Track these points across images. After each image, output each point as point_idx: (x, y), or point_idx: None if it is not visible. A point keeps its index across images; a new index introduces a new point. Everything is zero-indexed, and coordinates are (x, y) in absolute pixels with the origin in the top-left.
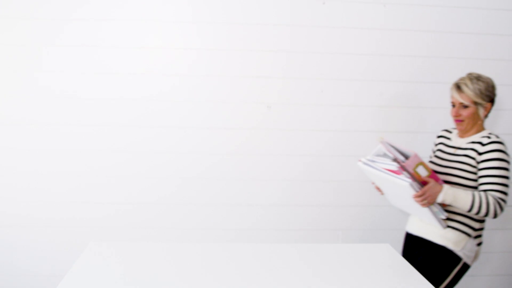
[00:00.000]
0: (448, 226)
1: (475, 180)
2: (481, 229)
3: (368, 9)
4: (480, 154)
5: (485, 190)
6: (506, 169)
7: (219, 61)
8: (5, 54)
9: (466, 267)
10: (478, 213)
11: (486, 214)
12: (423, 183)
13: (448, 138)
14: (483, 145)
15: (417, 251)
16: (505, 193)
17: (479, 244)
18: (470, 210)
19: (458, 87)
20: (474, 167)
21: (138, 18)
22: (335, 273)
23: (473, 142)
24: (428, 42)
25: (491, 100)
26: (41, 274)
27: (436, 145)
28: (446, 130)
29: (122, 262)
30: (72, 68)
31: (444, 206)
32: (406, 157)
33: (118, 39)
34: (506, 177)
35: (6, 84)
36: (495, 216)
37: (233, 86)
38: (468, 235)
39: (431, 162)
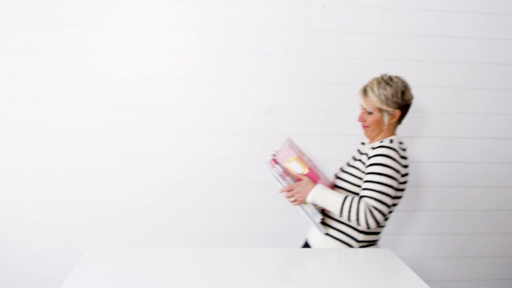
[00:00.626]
0: (329, 234)
1: (359, 186)
2: (368, 241)
3: (368, 14)
4: (368, 158)
5: (362, 196)
6: (388, 176)
7: (218, 66)
8: (4, 59)
9: None
10: (349, 219)
11: (357, 222)
12: (298, 180)
13: (364, 144)
14: (373, 149)
15: None
16: (381, 202)
17: None
18: (341, 215)
19: (364, 90)
20: (363, 172)
21: (137, 23)
22: (335, 277)
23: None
24: (429, 46)
25: (400, 107)
26: (40, 277)
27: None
28: None
29: (122, 266)
30: (71, 73)
31: (327, 211)
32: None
33: (117, 43)
34: (387, 185)
35: (5, 89)
36: (368, 226)
37: (231, 90)
38: (349, 246)
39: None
